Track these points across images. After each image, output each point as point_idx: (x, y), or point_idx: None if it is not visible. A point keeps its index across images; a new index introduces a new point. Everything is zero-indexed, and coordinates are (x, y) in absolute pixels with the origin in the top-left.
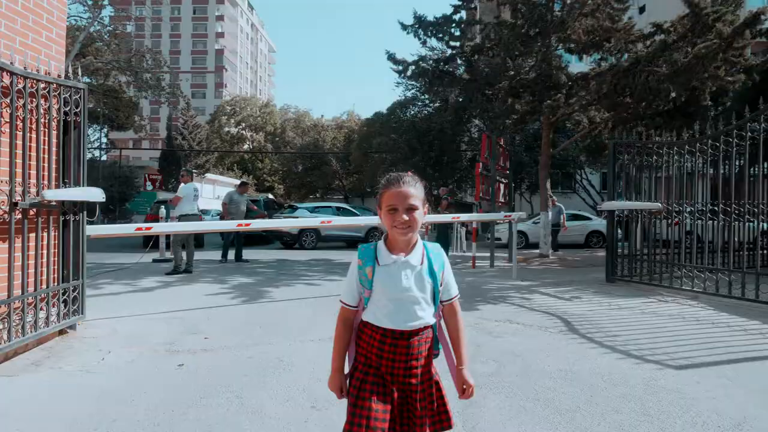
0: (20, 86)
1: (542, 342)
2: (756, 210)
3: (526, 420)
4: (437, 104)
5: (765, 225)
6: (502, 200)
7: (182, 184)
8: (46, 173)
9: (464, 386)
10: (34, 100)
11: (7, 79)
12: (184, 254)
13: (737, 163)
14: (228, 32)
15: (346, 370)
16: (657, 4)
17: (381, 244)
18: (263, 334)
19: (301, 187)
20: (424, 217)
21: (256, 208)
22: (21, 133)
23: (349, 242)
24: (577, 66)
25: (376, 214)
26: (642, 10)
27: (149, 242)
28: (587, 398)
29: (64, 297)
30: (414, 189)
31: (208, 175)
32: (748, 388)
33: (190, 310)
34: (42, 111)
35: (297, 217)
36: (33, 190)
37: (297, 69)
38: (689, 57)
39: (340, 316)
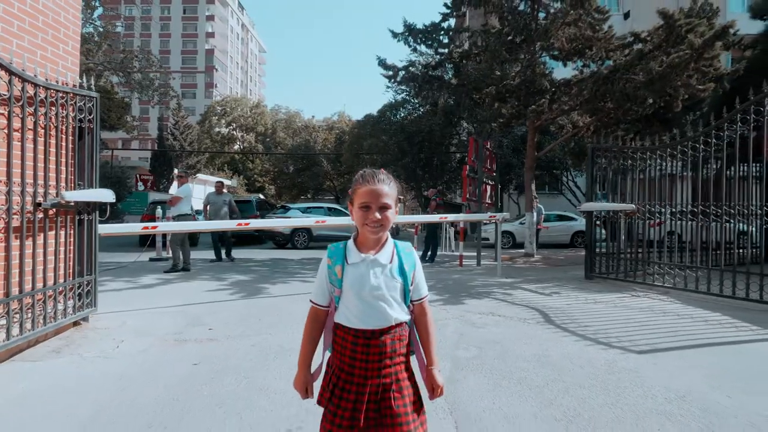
0: (42, 96)
1: (520, 331)
2: (719, 211)
3: (500, 394)
4: (427, 107)
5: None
6: (489, 201)
7: (181, 186)
8: (63, 176)
9: (433, 386)
10: (53, 108)
11: (30, 90)
12: (180, 253)
13: (705, 167)
14: (218, 32)
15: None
16: (641, 10)
17: (350, 242)
18: (263, 326)
19: (292, 188)
20: (396, 216)
21: (237, 210)
22: (42, 139)
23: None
24: (562, 72)
25: None
26: (627, 16)
27: (147, 241)
28: (555, 377)
29: (79, 291)
30: (388, 187)
31: (200, 176)
32: (699, 369)
33: (192, 304)
34: (60, 118)
35: (289, 218)
36: (52, 191)
37: (287, 69)
38: (663, 66)
39: (309, 315)
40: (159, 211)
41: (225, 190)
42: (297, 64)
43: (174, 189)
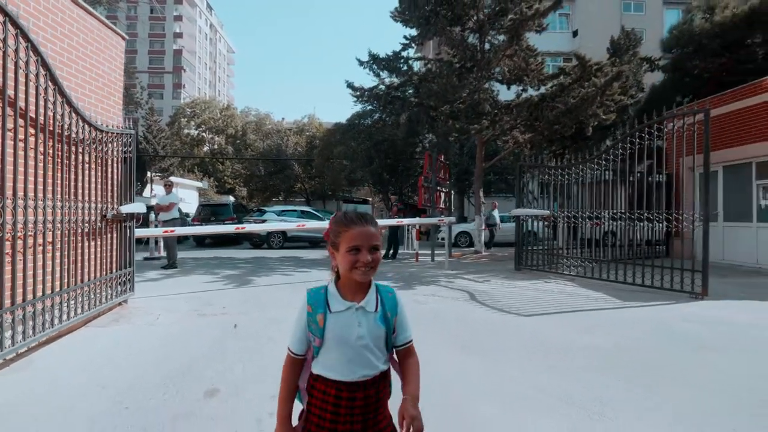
0: (101, 137)
1: (451, 305)
2: (615, 215)
3: (427, 339)
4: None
5: (611, 225)
6: (443, 206)
7: (169, 193)
8: (115, 194)
9: (404, 415)
10: (109, 145)
11: (94, 133)
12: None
13: (603, 180)
14: (186, 33)
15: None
16: (588, 29)
17: (332, 287)
18: (259, 305)
19: (264, 190)
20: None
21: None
22: (101, 167)
23: (313, 242)
24: (507, 94)
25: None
26: (575, 34)
27: (141, 242)
28: (465, 328)
29: (123, 279)
30: (375, 229)
31: (173, 178)
32: (570, 326)
33: (198, 292)
34: (113, 152)
35: (265, 220)
36: (109, 206)
37: (257, 70)
38: (577, 99)
39: (286, 364)
40: (152, 216)
41: (174, 190)
42: (266, 65)
43: (162, 196)
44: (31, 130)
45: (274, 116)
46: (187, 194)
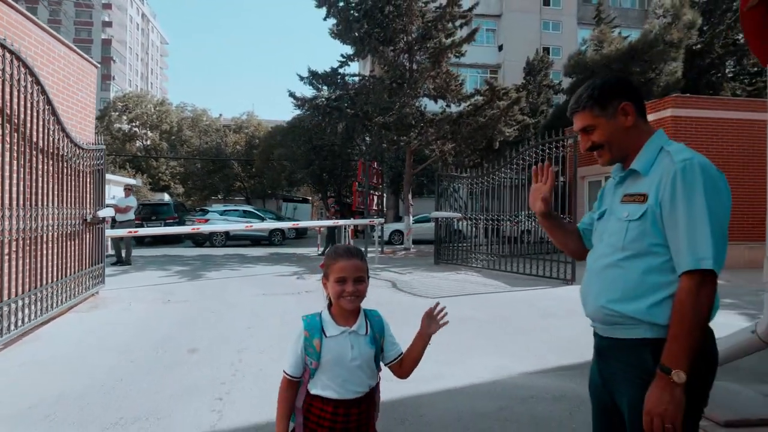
0: (81, 153)
1: (376, 292)
2: (519, 217)
3: None
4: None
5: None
6: (376, 208)
7: (128, 196)
8: (90, 200)
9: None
10: (86, 159)
11: (76, 150)
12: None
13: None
14: (116, 22)
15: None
16: (512, 44)
17: (326, 314)
18: (215, 294)
19: (203, 189)
20: (367, 288)
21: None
22: (81, 178)
23: (254, 240)
24: (435, 106)
25: (275, 217)
26: (501, 48)
27: None
28: (384, 308)
29: (96, 273)
30: (362, 262)
31: (131, 181)
32: (465, 304)
33: (157, 285)
34: (89, 165)
35: (208, 220)
36: (88, 211)
37: (192, 64)
38: (486, 118)
39: (283, 386)
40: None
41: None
42: (202, 59)
43: (120, 198)
44: (33, 152)
45: (212, 113)
46: (118, 192)
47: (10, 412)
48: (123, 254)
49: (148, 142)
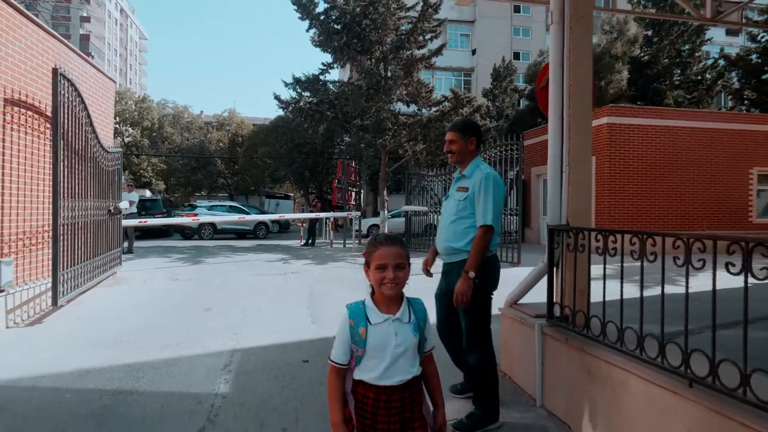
0: (106, 155)
1: (350, 271)
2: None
3: (332, 286)
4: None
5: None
6: (354, 203)
7: (130, 191)
8: (113, 195)
9: (441, 427)
10: (110, 162)
11: (102, 152)
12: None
13: None
14: (94, 17)
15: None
16: (485, 49)
17: (369, 302)
18: (215, 275)
19: (187, 185)
20: (408, 276)
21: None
22: (105, 177)
23: (240, 234)
24: (408, 109)
25: (259, 213)
26: (474, 52)
27: None
28: (356, 284)
29: (116, 255)
30: (402, 249)
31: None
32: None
33: (162, 268)
34: (112, 166)
35: (197, 214)
36: (111, 203)
37: (171, 60)
38: (450, 123)
39: (332, 374)
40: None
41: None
42: (182, 55)
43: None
44: (76, 156)
45: (193, 109)
46: None
47: (88, 343)
48: (126, 244)
49: (129, 139)
